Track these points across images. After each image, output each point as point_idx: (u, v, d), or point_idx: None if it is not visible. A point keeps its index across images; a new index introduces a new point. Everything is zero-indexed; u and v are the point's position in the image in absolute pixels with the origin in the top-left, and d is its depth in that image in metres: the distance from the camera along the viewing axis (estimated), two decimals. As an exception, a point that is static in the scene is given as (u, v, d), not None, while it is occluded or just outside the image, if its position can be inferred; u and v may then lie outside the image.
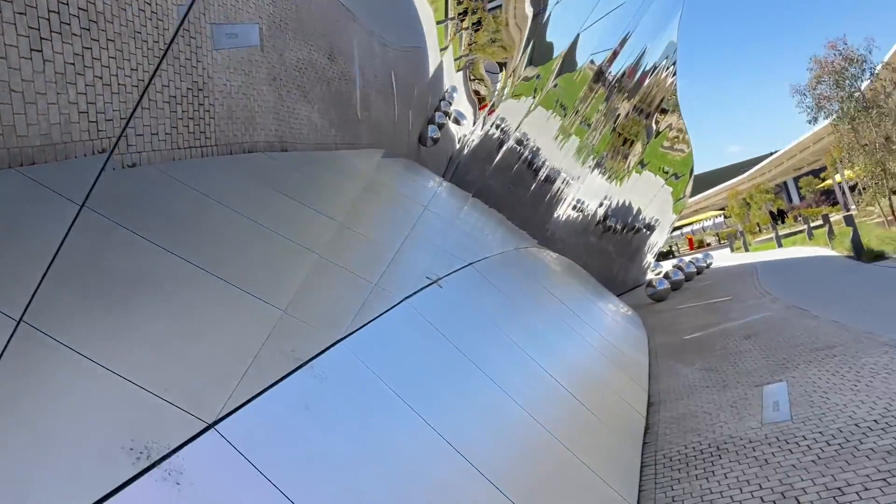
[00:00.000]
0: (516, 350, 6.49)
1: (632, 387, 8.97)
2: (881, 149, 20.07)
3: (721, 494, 5.09)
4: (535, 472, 4.53)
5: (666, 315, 17.67)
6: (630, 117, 16.29)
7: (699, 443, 6.44)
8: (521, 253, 11.41)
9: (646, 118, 17.87)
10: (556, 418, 5.64)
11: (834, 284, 15.27)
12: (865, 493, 4.44)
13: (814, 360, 8.41)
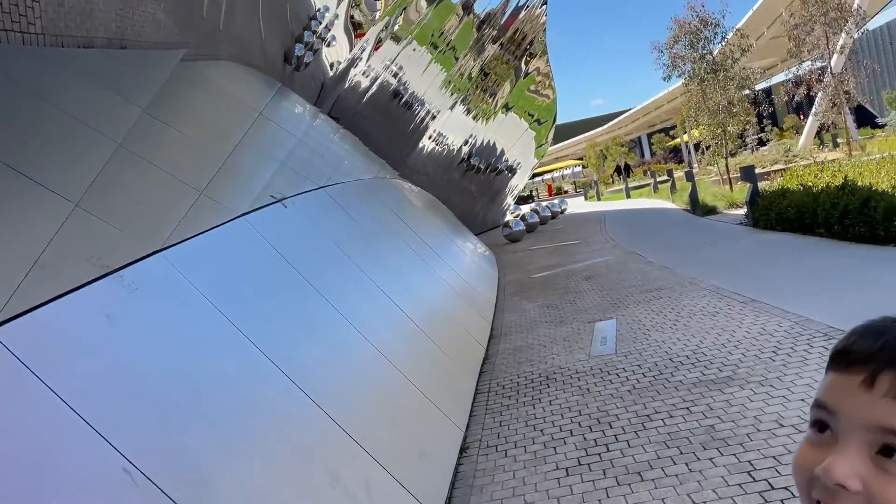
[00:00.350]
0: (365, 280, 6.41)
1: (477, 321, 9.22)
2: (723, 111, 21.53)
3: (544, 420, 5.35)
4: (371, 400, 4.53)
5: (519, 255, 18.29)
6: (499, 55, 16.35)
7: (531, 373, 6.73)
8: (380, 182, 11.26)
9: (515, 58, 18.02)
10: (399, 350, 5.66)
11: (670, 234, 16.38)
12: (670, 419, 4.81)
13: (642, 300, 9.00)
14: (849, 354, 0.69)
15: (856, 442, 0.66)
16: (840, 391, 0.69)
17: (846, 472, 0.64)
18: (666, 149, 62.07)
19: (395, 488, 3.64)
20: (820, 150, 33.22)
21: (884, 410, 0.64)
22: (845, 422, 0.67)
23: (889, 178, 10.22)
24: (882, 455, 0.64)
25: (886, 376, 0.65)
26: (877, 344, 0.68)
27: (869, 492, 0.64)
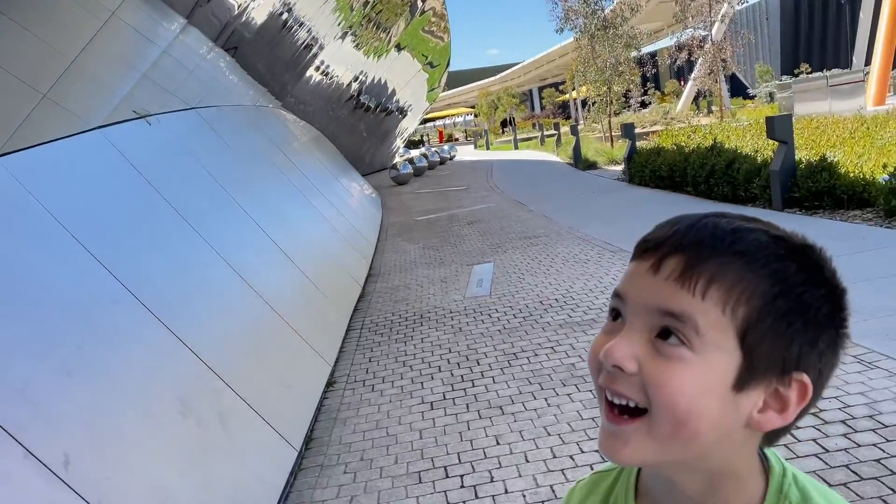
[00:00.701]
0: (237, 211, 6.10)
1: (356, 259, 9.10)
2: (610, 69, 22.09)
3: (414, 357, 5.37)
4: (234, 331, 4.34)
5: (404, 197, 18.21)
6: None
7: (406, 311, 6.73)
8: (261, 111, 10.76)
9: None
10: (269, 282, 5.45)
11: (552, 186, 16.78)
12: (535, 357, 4.95)
13: (520, 246, 9.18)
14: (645, 243, 0.69)
15: (638, 325, 0.65)
16: (631, 278, 0.68)
17: (623, 353, 0.64)
18: (555, 104, 63.31)
19: (253, 418, 3.53)
20: (696, 114, 34.91)
21: (665, 293, 0.64)
22: (631, 306, 0.67)
23: (752, 143, 10.85)
24: (659, 338, 0.64)
25: (672, 259, 0.65)
26: (669, 231, 0.67)
27: (643, 374, 0.63)
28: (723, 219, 0.67)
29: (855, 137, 9.67)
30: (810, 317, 0.64)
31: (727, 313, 0.63)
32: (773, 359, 0.64)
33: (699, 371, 0.62)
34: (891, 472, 2.89)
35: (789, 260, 0.65)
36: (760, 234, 0.66)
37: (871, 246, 6.47)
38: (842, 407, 3.52)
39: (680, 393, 0.62)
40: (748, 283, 0.63)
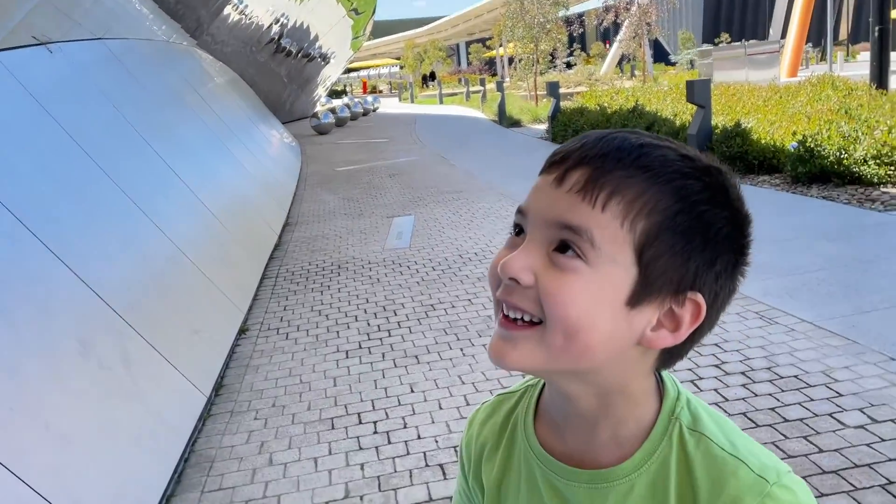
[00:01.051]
0: (147, 151, 5.77)
1: (273, 207, 8.85)
2: (538, 27, 22.05)
3: (331, 306, 5.29)
4: (141, 274, 4.12)
5: (325, 147, 17.81)
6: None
7: (323, 261, 6.61)
8: (174, 47, 10.19)
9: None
10: (181, 226, 5.21)
11: (476, 141, 16.75)
12: (452, 309, 4.96)
13: (442, 200, 9.14)
14: (552, 157, 0.67)
15: (538, 238, 0.64)
16: (535, 192, 0.67)
17: (521, 266, 0.63)
18: (482, 59, 63.02)
19: (160, 362, 3.39)
20: (620, 77, 35.47)
21: (565, 205, 0.63)
22: (531, 219, 0.65)
23: (672, 107, 11.10)
24: (557, 251, 0.63)
25: (576, 172, 0.63)
26: (577, 144, 0.65)
27: (538, 285, 0.63)
28: (632, 135, 0.65)
29: (768, 106, 10.03)
30: (710, 236, 0.63)
31: (626, 227, 0.61)
32: (669, 276, 0.63)
33: (593, 283, 0.62)
34: (784, 420, 3.05)
35: (694, 178, 0.63)
36: (668, 150, 0.64)
37: (778, 210, 6.77)
38: (742, 360, 3.68)
39: (572, 304, 0.61)
40: (650, 197, 0.62)
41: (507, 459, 0.81)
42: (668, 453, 0.68)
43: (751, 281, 3.18)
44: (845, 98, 9.41)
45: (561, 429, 0.74)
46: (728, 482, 0.64)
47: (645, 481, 0.68)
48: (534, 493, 0.76)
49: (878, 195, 6.83)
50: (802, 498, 0.64)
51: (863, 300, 4.30)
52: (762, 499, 0.63)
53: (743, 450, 0.67)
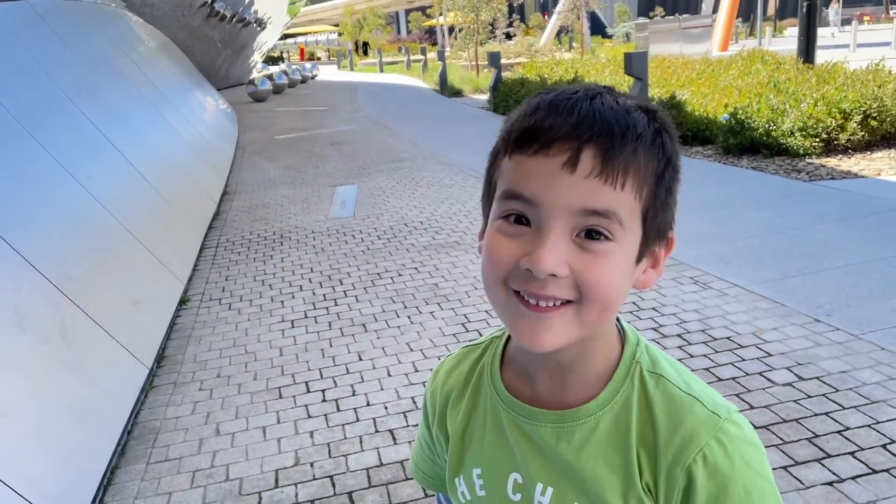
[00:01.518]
0: (83, 121, 5.54)
1: (211, 176, 8.64)
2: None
3: (274, 276, 5.23)
4: (76, 244, 3.98)
5: (263, 115, 17.41)
6: None
7: (265, 230, 6.51)
8: (101, 8, 9.74)
9: None
10: (116, 195, 5.03)
11: (418, 110, 16.64)
12: (398, 277, 4.97)
13: (385, 169, 9.09)
14: (542, 134, 0.64)
15: (560, 228, 0.64)
16: (540, 179, 0.64)
17: (555, 261, 0.63)
18: (422, 28, 62.30)
19: (99, 334, 3.31)
20: (558, 49, 35.65)
21: (587, 191, 0.63)
22: (550, 210, 0.64)
23: (610, 78, 11.25)
24: (586, 238, 0.64)
25: (588, 153, 0.63)
26: (572, 118, 0.64)
27: (575, 274, 0.64)
28: (608, 96, 0.67)
29: (701, 79, 10.27)
30: (678, 180, 0.69)
31: (637, 198, 0.65)
32: (659, 227, 0.69)
33: (622, 259, 0.66)
34: (718, 379, 3.20)
35: (663, 132, 0.67)
36: (638, 112, 0.67)
37: (710, 180, 6.99)
38: (678, 322, 3.83)
39: (611, 284, 0.65)
40: (647, 163, 0.65)
41: (473, 406, 0.84)
42: (630, 393, 0.73)
43: (686, 248, 3.34)
44: (774, 72, 9.72)
45: (530, 375, 0.77)
46: (685, 418, 0.70)
47: (609, 419, 0.73)
48: (500, 436, 0.80)
49: (804, 166, 7.13)
50: (749, 433, 0.71)
51: (789, 265, 4.51)
52: (715, 432, 0.69)
53: (697, 389, 0.72)
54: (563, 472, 0.75)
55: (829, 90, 7.82)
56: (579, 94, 0.67)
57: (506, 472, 0.79)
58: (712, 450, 0.68)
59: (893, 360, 3.23)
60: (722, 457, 0.68)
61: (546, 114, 0.65)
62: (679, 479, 0.69)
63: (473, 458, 0.83)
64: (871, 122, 7.48)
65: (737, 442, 0.69)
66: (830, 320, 3.68)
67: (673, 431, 0.70)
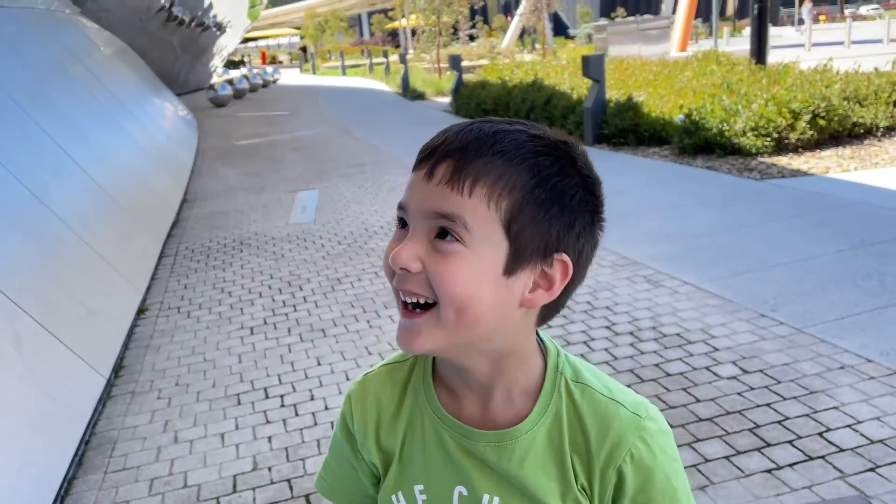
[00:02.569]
0: (35, 129, 5.46)
1: (169, 184, 8.56)
2: (439, 0, 22.03)
3: (234, 283, 5.23)
4: (28, 254, 3.95)
5: (223, 120, 17.26)
6: None
7: (224, 238, 6.49)
8: (55, 16, 9.59)
9: None
10: (70, 204, 4.98)
11: (380, 114, 16.66)
12: (358, 282, 5.01)
13: (347, 174, 9.11)
14: (420, 153, 0.75)
15: (419, 229, 0.72)
16: (411, 188, 0.74)
17: (408, 256, 0.71)
18: (385, 31, 62.21)
19: (54, 345, 3.29)
20: (521, 51, 35.91)
21: (437, 197, 0.71)
22: (412, 213, 0.73)
23: (569, 81, 11.41)
24: (438, 238, 0.71)
25: (442, 166, 0.71)
26: (440, 140, 0.73)
27: (426, 271, 0.71)
28: (487, 124, 0.74)
29: (658, 80, 10.48)
30: (565, 203, 0.73)
31: (492, 208, 0.70)
32: (536, 243, 0.72)
33: (472, 261, 0.70)
34: (666, 374, 3.30)
35: (544, 155, 0.72)
36: (519, 133, 0.73)
37: (665, 180, 7.15)
38: (631, 320, 3.93)
39: (457, 282, 0.70)
40: (509, 178, 0.70)
41: (409, 426, 0.86)
42: (559, 405, 0.80)
43: (640, 248, 3.46)
44: (728, 73, 9.97)
45: (458, 395, 0.83)
46: (612, 424, 0.78)
47: (543, 432, 0.80)
48: (442, 452, 0.83)
49: (756, 165, 7.33)
50: (662, 424, 0.81)
51: (738, 263, 4.65)
52: (639, 432, 0.78)
53: (617, 393, 0.81)
54: (507, 482, 0.80)
55: (780, 91, 8.06)
56: (465, 123, 0.75)
57: (451, 486, 0.83)
58: (638, 449, 0.77)
59: (833, 351, 3.37)
60: (646, 453, 0.77)
61: (434, 139, 0.75)
62: (611, 478, 0.78)
63: (414, 475, 0.86)
64: (820, 122, 7.73)
65: (656, 436, 0.79)
66: (775, 315, 3.82)
67: (603, 437, 0.78)
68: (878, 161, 7.07)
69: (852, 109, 7.86)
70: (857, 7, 45.52)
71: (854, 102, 7.97)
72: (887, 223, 5.15)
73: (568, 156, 0.74)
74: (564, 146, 0.74)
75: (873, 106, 8.01)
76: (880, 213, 5.41)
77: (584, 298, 4.28)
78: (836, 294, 4.02)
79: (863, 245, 4.74)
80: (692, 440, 2.77)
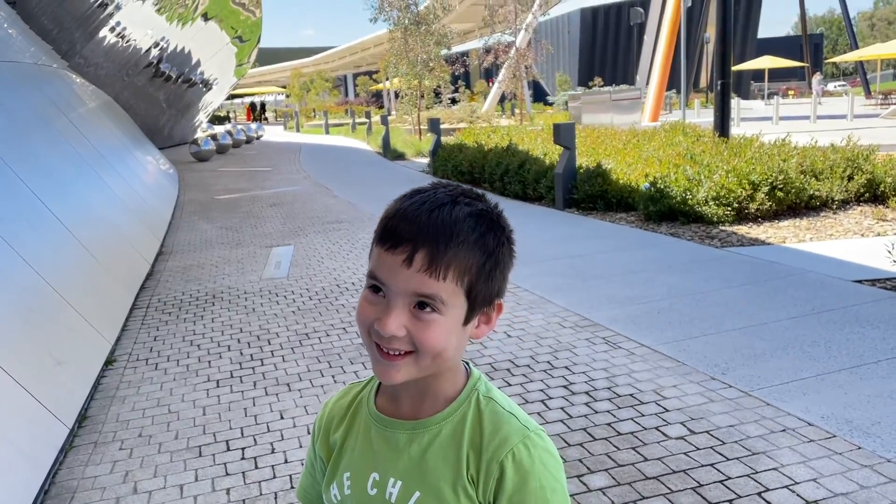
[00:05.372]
0: (13, 179, 5.58)
1: (146, 236, 8.65)
2: (421, 64, 22.70)
3: (203, 336, 5.30)
4: (8, 309, 4.01)
5: (205, 175, 17.45)
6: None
7: (198, 291, 6.57)
8: (42, 70, 9.81)
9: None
10: (43, 253, 5.07)
11: (360, 173, 16.97)
12: (326, 337, 5.10)
13: (323, 230, 9.27)
14: (393, 236, 0.91)
15: (401, 303, 0.90)
16: (388, 268, 0.90)
17: (395, 326, 0.89)
18: (369, 92, 63.52)
19: (19, 393, 3.34)
20: (500, 115, 36.84)
21: (418, 282, 0.89)
22: (393, 290, 0.90)
23: (543, 147, 11.79)
24: (418, 308, 0.90)
25: (420, 254, 0.88)
26: (412, 229, 0.90)
27: (410, 334, 0.90)
28: (443, 208, 0.91)
29: (627, 148, 10.87)
30: (503, 265, 0.96)
31: (458, 283, 0.90)
32: (485, 299, 0.95)
33: (446, 324, 0.91)
34: (617, 433, 3.42)
35: (488, 233, 0.93)
36: (469, 219, 0.91)
37: (631, 245, 7.39)
38: (587, 381, 4.07)
39: (436, 341, 0.91)
40: (468, 261, 0.91)
41: (350, 426, 1.07)
42: (467, 409, 0.99)
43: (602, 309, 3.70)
44: (693, 144, 10.38)
45: (397, 397, 1.02)
46: (503, 427, 0.96)
47: (449, 427, 0.98)
48: (366, 444, 1.04)
49: (717, 233, 7.61)
50: (549, 446, 0.97)
51: (693, 327, 4.83)
52: (523, 439, 0.94)
53: (516, 410, 1.00)
54: (410, 468, 0.98)
55: (740, 163, 8.42)
56: (426, 204, 0.92)
57: (368, 471, 1.02)
58: (519, 450, 0.93)
59: (776, 414, 3.52)
60: (526, 457, 0.93)
61: (399, 220, 0.92)
62: (494, 471, 0.93)
63: (346, 465, 1.05)
64: (778, 193, 8.07)
65: (539, 449, 0.94)
66: (725, 378, 3.98)
67: (493, 435, 0.95)
68: (832, 233, 7.38)
69: (809, 183, 8.22)
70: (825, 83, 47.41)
71: (810, 176, 8.34)
72: (836, 292, 5.38)
73: (499, 225, 0.95)
74: (496, 217, 0.95)
75: (828, 180, 8.38)
76: (830, 282, 5.65)
77: (544, 358, 4.42)
78: (784, 359, 4.20)
79: (812, 313, 4.95)
80: (637, 498, 2.88)
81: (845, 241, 7.09)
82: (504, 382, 4.09)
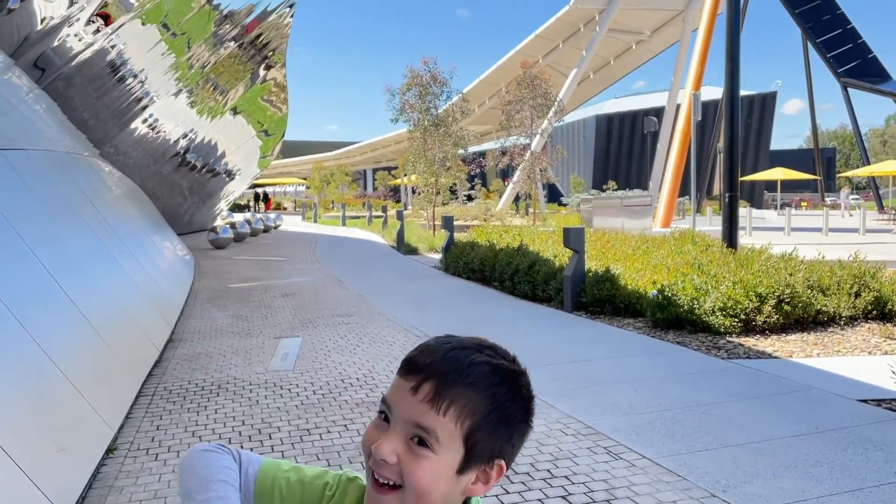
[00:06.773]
0: (36, 266, 5.79)
1: (158, 323, 8.77)
2: (438, 163, 23.42)
3: (206, 427, 5.31)
4: (15, 392, 4.09)
5: (220, 262, 17.75)
6: (237, 55, 15.92)
7: (203, 380, 6.62)
8: (74, 159, 10.25)
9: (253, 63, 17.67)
10: (55, 337, 5.19)
11: (372, 266, 17.20)
12: (327, 434, 5.10)
13: (332, 323, 9.36)
14: (409, 366, 0.97)
15: (399, 430, 0.93)
16: (398, 394, 0.95)
17: (388, 451, 0.92)
18: (387, 186, 65.02)
19: (19, 478, 3.37)
20: (514, 214, 37.52)
21: (419, 410, 0.92)
22: (396, 415, 0.94)
23: (553, 248, 11.98)
24: (413, 440, 0.92)
25: (426, 385, 0.94)
26: (427, 360, 0.96)
27: (400, 464, 0.92)
28: (463, 351, 0.97)
29: (636, 254, 11.03)
30: (510, 424, 0.96)
31: (458, 425, 0.92)
32: (483, 453, 0.95)
33: (437, 465, 0.92)
34: (614, 549, 3.37)
35: (501, 385, 0.95)
36: (484, 365, 0.95)
37: (637, 352, 7.40)
38: (587, 491, 4.03)
39: (423, 479, 0.91)
40: (474, 404, 0.93)
41: None
42: None
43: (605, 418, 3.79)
44: (701, 253, 10.52)
45: None
46: None
47: None
48: None
49: (724, 343, 7.62)
50: None
51: (696, 440, 4.80)
52: None
53: None
54: None
55: (746, 275, 8.51)
56: (450, 344, 0.98)
57: None
58: None
59: (776, 537, 3.46)
60: None
61: (420, 351, 0.97)
62: None
63: None
64: (785, 307, 8.12)
65: None
66: (725, 495, 3.93)
67: None
68: (839, 349, 7.37)
69: (816, 298, 8.28)
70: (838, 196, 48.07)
71: (817, 291, 8.40)
72: (840, 411, 5.34)
73: (517, 385, 0.97)
74: (515, 376, 0.97)
75: (835, 296, 8.43)
76: (836, 400, 5.62)
77: (544, 466, 4.39)
78: (787, 478, 4.15)
79: (816, 431, 4.91)
80: None
81: (852, 357, 7.08)
82: (502, 490, 4.06)
